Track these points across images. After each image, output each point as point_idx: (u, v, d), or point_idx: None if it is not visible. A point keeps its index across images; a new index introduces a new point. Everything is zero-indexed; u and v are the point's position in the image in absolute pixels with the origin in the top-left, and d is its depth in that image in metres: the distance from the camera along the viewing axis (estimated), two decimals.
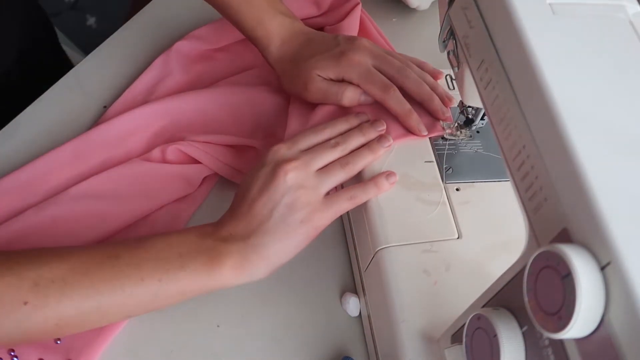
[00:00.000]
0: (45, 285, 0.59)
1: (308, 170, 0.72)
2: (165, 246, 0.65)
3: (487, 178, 0.79)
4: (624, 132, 0.45)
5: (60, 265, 0.61)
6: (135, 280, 0.62)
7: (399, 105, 0.82)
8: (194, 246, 0.66)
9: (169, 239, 0.66)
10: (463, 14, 0.63)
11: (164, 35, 1.03)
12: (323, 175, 0.73)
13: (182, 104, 0.91)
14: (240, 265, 0.67)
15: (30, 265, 0.60)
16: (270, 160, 0.72)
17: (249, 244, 0.67)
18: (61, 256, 0.62)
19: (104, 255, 0.63)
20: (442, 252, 0.72)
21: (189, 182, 0.85)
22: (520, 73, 0.51)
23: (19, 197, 0.80)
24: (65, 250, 0.63)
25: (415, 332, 0.66)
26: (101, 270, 0.62)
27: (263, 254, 0.68)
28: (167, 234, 0.67)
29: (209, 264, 0.65)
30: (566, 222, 0.44)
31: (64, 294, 0.60)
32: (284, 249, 0.69)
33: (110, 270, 0.62)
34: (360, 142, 0.78)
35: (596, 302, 0.39)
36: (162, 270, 0.64)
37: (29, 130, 0.88)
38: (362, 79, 0.83)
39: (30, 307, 0.58)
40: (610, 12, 0.53)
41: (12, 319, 0.58)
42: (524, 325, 0.49)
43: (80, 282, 0.61)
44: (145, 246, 0.65)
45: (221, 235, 0.68)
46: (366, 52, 0.84)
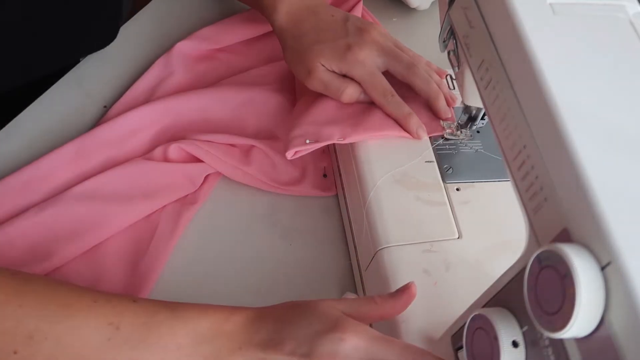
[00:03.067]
0: (39, 341, 0.57)
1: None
2: (168, 333, 0.60)
3: (488, 178, 0.79)
4: (624, 132, 0.45)
5: (61, 321, 0.58)
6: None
7: (398, 109, 0.81)
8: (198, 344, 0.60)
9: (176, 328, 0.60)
10: (463, 13, 0.63)
11: (164, 34, 1.03)
12: None
13: (184, 104, 0.91)
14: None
15: (32, 311, 0.58)
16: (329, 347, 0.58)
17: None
18: (66, 308, 0.59)
19: (106, 320, 0.59)
20: (443, 252, 0.72)
21: (191, 181, 0.85)
22: (521, 73, 0.51)
23: (20, 196, 0.80)
24: (70, 297, 0.60)
25: (416, 332, 0.66)
26: (96, 340, 0.58)
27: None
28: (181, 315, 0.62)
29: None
30: (566, 222, 0.44)
31: (52, 356, 0.57)
32: None
33: (106, 343, 0.58)
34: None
35: (596, 302, 0.39)
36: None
37: (29, 130, 0.88)
38: (364, 80, 0.83)
39: (18, 358, 0.56)
40: (611, 12, 0.53)
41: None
42: (525, 325, 0.49)
43: (72, 347, 0.58)
44: (149, 322, 0.60)
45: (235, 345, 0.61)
46: (374, 48, 0.84)
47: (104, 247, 0.79)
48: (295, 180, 0.88)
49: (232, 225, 0.85)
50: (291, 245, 0.82)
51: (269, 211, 0.86)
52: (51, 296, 0.60)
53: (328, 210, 0.87)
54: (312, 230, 0.85)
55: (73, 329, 0.58)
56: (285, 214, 0.86)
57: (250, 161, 0.87)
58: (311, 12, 0.89)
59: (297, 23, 0.88)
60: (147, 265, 0.77)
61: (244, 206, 0.86)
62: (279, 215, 0.86)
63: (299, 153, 0.82)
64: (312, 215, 0.87)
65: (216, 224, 0.85)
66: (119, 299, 0.62)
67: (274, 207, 0.87)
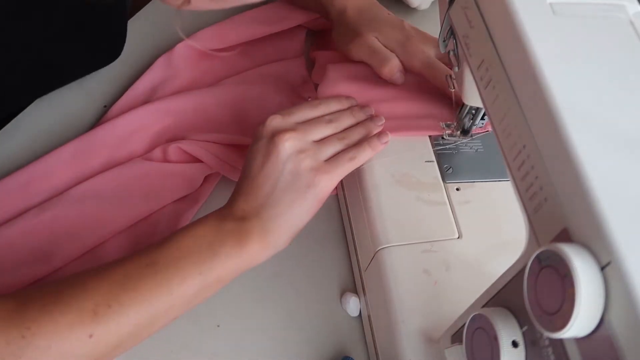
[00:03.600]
0: (104, 312, 0.59)
1: (306, 139, 0.74)
2: (192, 240, 0.66)
3: (488, 178, 0.79)
4: (624, 132, 0.45)
5: (110, 288, 0.61)
6: (179, 280, 0.63)
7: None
8: (218, 232, 0.67)
9: (193, 232, 0.67)
10: (463, 13, 0.63)
11: (164, 34, 1.03)
12: (321, 144, 0.75)
13: (184, 104, 0.91)
14: (262, 239, 0.68)
15: (84, 295, 0.60)
16: (267, 132, 0.73)
17: (264, 217, 0.68)
18: (106, 277, 0.62)
19: (141, 264, 0.63)
20: (443, 252, 0.72)
21: (190, 181, 0.85)
22: (521, 73, 0.51)
23: (20, 197, 0.80)
24: (105, 269, 0.63)
25: (415, 332, 0.66)
26: (146, 280, 0.62)
27: (279, 224, 0.69)
28: (188, 228, 0.67)
29: (237, 244, 0.66)
30: (566, 221, 0.44)
31: (122, 314, 0.60)
32: (297, 215, 0.70)
33: (153, 278, 0.62)
34: (351, 121, 0.80)
35: (596, 302, 0.39)
36: (199, 263, 0.64)
37: (29, 129, 0.88)
38: (425, 68, 0.86)
39: (96, 338, 0.58)
40: (611, 11, 0.53)
41: (79, 354, 0.58)
42: (524, 325, 0.49)
43: (133, 299, 0.61)
44: (176, 245, 0.65)
45: (237, 215, 0.68)
46: (432, 45, 0.87)
47: (104, 248, 0.79)
48: None
49: None
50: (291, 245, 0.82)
51: None
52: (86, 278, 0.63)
53: (328, 210, 0.87)
54: (311, 230, 0.84)
55: (122, 286, 0.61)
56: None
57: None
58: (373, 5, 0.93)
59: (359, 11, 0.91)
60: None
61: None
62: None
63: None
64: None
65: None
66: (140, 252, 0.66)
67: None
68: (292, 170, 0.70)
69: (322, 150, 0.74)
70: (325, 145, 0.75)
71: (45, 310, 0.58)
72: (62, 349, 0.57)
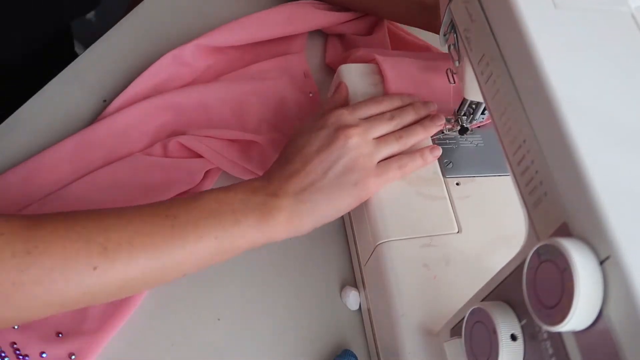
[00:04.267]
0: (114, 249, 0.60)
1: (367, 137, 0.75)
2: (218, 204, 0.66)
3: (488, 172, 0.79)
4: (624, 126, 0.45)
5: (125, 227, 0.62)
6: (194, 238, 0.63)
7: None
8: (245, 202, 0.67)
9: (221, 196, 0.67)
10: (464, 7, 0.63)
11: (163, 28, 1.02)
12: (379, 144, 0.76)
13: (184, 99, 0.90)
14: (289, 220, 0.68)
15: (97, 229, 0.61)
16: (332, 123, 0.75)
17: (301, 199, 0.69)
18: (124, 217, 0.63)
19: (162, 215, 0.64)
20: (442, 246, 0.72)
21: (191, 177, 0.84)
22: (521, 67, 0.51)
23: (21, 192, 0.80)
24: (126, 211, 0.64)
25: (415, 325, 0.66)
26: (162, 230, 0.63)
27: (312, 210, 0.70)
28: (216, 192, 0.68)
29: (261, 219, 0.67)
30: (566, 216, 0.44)
31: (131, 256, 0.61)
32: (333, 208, 0.71)
33: (170, 230, 0.63)
34: (413, 118, 0.81)
35: (594, 296, 0.39)
36: (219, 228, 0.65)
37: (29, 124, 0.88)
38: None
39: (100, 272, 0.59)
40: (612, 4, 0.53)
41: (81, 284, 0.59)
42: (523, 318, 0.49)
43: (145, 244, 0.61)
44: (199, 205, 0.66)
45: (272, 191, 0.69)
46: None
47: None
48: None
49: None
50: (291, 239, 0.82)
51: None
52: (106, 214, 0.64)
53: None
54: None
55: (137, 230, 0.62)
56: None
57: (250, 157, 0.86)
58: None
59: None
60: None
61: None
62: None
63: None
64: None
65: None
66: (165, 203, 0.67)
67: None
68: (346, 165, 0.72)
69: (379, 150, 0.75)
70: (383, 146, 0.76)
71: (57, 233, 0.59)
72: (64, 273, 0.57)
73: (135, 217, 0.63)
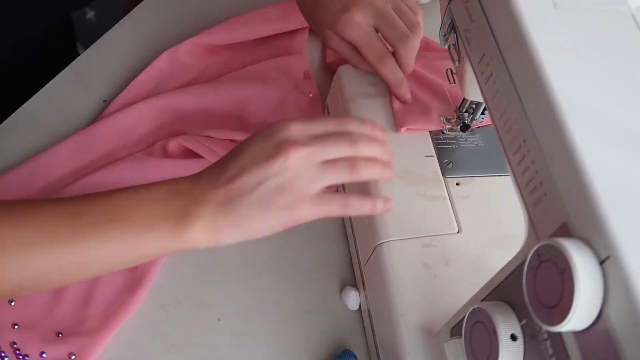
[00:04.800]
0: (10, 246, 0.57)
1: (312, 160, 0.65)
2: (132, 205, 0.62)
3: (487, 172, 0.79)
4: (624, 126, 0.45)
5: (26, 225, 0.59)
6: (98, 242, 0.60)
7: (392, 74, 0.83)
8: (163, 207, 0.62)
9: (137, 197, 0.63)
10: (464, 7, 0.63)
11: (163, 28, 1.02)
12: (326, 170, 0.66)
13: (184, 99, 0.91)
14: (207, 230, 0.63)
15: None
16: (278, 136, 0.66)
17: (223, 211, 0.63)
18: (28, 213, 0.60)
19: (69, 213, 0.60)
20: (442, 246, 0.72)
21: None
22: (521, 67, 0.51)
23: (21, 191, 0.80)
24: (34, 205, 0.61)
25: (415, 325, 0.66)
26: (65, 230, 0.59)
27: (234, 224, 0.63)
28: (136, 190, 0.63)
29: (176, 227, 0.62)
30: (566, 216, 0.44)
31: (29, 255, 0.58)
32: (257, 227, 0.64)
33: (74, 230, 0.59)
34: (378, 153, 0.69)
35: (594, 296, 0.39)
36: (127, 231, 0.61)
37: (29, 124, 0.88)
38: (359, 42, 0.84)
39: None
40: (612, 5, 0.53)
41: None
42: (523, 318, 0.49)
43: (43, 244, 0.58)
44: (112, 205, 0.62)
45: (195, 197, 0.64)
46: (369, 10, 0.83)
47: None
48: None
49: None
50: (291, 239, 0.82)
51: None
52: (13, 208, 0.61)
53: None
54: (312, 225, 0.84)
55: (41, 227, 0.59)
56: None
57: None
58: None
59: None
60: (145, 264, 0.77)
61: None
62: None
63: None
64: None
65: None
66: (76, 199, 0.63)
67: None
68: (279, 185, 0.64)
69: (323, 177, 0.66)
70: (329, 173, 0.66)
71: None
72: None
73: (40, 213, 0.60)
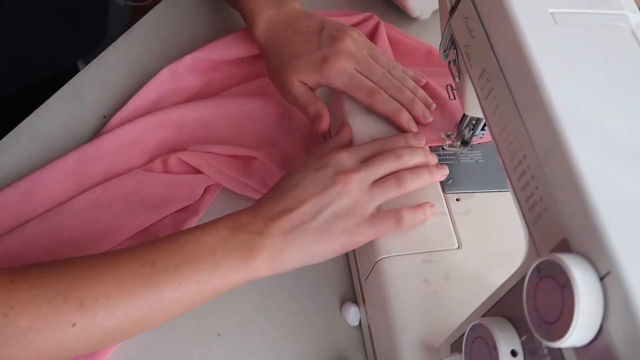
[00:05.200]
0: (91, 304, 0.58)
1: (365, 184, 0.72)
2: (198, 246, 0.64)
3: (488, 188, 0.79)
4: (624, 142, 0.45)
5: (102, 280, 0.60)
6: (174, 285, 0.62)
7: (387, 106, 0.82)
8: (228, 244, 0.65)
9: (202, 238, 0.65)
10: (464, 23, 0.63)
11: (163, 45, 1.03)
12: (377, 190, 0.73)
13: (185, 114, 0.91)
14: (272, 259, 0.66)
15: (73, 283, 0.59)
16: (332, 166, 0.72)
17: (286, 239, 0.67)
18: (99, 268, 0.61)
19: (139, 262, 0.62)
20: (442, 261, 0.72)
21: (191, 192, 0.84)
22: (522, 83, 0.51)
23: (21, 207, 0.80)
24: (101, 260, 0.62)
25: (415, 341, 0.66)
26: (140, 279, 0.61)
27: (297, 252, 0.68)
28: (199, 231, 0.66)
29: (243, 260, 0.65)
30: (566, 232, 0.44)
31: (109, 309, 0.59)
32: (318, 253, 0.69)
33: (149, 278, 0.61)
34: (421, 160, 0.78)
35: (595, 312, 0.39)
36: (199, 271, 0.63)
37: (29, 140, 0.88)
38: (347, 86, 0.83)
39: (78, 328, 0.57)
40: (612, 21, 0.53)
41: (60, 341, 0.57)
42: (523, 334, 0.49)
43: (122, 295, 0.60)
44: (179, 247, 0.64)
45: (257, 228, 0.67)
46: (350, 58, 0.84)
47: None
48: None
49: None
50: None
51: None
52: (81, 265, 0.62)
53: None
54: None
55: (115, 280, 0.60)
56: None
57: (250, 172, 0.86)
58: (288, 25, 0.89)
59: (275, 38, 0.89)
60: None
61: None
62: None
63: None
64: None
65: None
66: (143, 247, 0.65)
67: None
68: (338, 211, 0.70)
69: (375, 198, 0.73)
70: (379, 193, 0.73)
71: (31, 292, 0.57)
72: (42, 332, 0.56)
73: (112, 266, 0.61)
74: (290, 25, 0.89)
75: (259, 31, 0.90)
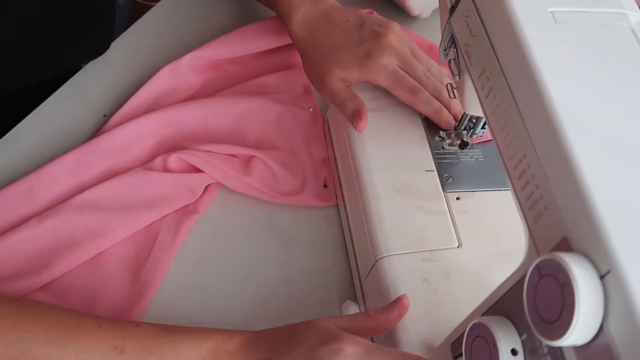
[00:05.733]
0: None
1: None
2: (173, 353, 0.62)
3: (488, 187, 0.79)
4: (624, 141, 0.45)
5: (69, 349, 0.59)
6: None
7: (429, 105, 0.82)
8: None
9: (182, 349, 0.63)
10: (464, 22, 0.63)
11: (163, 43, 1.03)
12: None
13: (185, 113, 0.91)
14: None
15: (37, 336, 0.59)
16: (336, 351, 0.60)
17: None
18: (73, 335, 0.60)
19: (109, 344, 0.61)
20: (442, 260, 0.71)
21: (191, 191, 0.85)
22: (522, 82, 0.51)
23: (21, 206, 0.80)
24: (79, 326, 0.62)
25: (415, 340, 0.66)
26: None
27: None
28: (181, 337, 0.64)
29: None
30: (566, 231, 0.44)
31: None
32: None
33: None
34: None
35: (595, 310, 0.39)
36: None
37: (28, 139, 0.88)
38: (390, 83, 0.83)
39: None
40: (613, 20, 0.53)
41: None
42: (524, 333, 0.49)
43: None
44: (154, 347, 0.62)
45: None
46: (393, 54, 0.83)
47: (104, 257, 0.79)
48: (295, 190, 0.88)
49: (232, 235, 0.85)
50: (291, 254, 0.82)
51: (269, 221, 0.86)
52: (54, 321, 0.61)
53: (328, 220, 0.87)
54: (312, 240, 0.85)
55: (77, 354, 0.59)
56: (286, 224, 0.86)
57: (250, 171, 0.86)
58: (326, 19, 0.88)
59: (313, 31, 0.88)
60: (147, 275, 0.77)
61: (244, 216, 0.86)
62: (279, 225, 0.86)
63: None
64: (312, 225, 0.87)
65: (216, 234, 0.85)
66: (122, 323, 0.63)
67: (275, 217, 0.87)
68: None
69: None
70: None
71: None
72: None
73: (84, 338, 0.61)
74: (328, 19, 0.88)
75: (296, 25, 0.89)
